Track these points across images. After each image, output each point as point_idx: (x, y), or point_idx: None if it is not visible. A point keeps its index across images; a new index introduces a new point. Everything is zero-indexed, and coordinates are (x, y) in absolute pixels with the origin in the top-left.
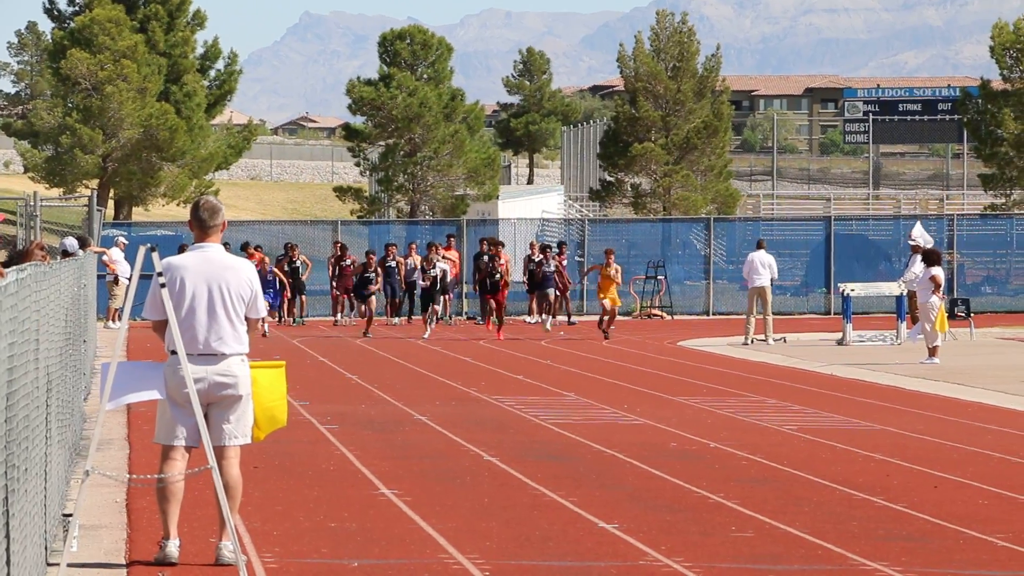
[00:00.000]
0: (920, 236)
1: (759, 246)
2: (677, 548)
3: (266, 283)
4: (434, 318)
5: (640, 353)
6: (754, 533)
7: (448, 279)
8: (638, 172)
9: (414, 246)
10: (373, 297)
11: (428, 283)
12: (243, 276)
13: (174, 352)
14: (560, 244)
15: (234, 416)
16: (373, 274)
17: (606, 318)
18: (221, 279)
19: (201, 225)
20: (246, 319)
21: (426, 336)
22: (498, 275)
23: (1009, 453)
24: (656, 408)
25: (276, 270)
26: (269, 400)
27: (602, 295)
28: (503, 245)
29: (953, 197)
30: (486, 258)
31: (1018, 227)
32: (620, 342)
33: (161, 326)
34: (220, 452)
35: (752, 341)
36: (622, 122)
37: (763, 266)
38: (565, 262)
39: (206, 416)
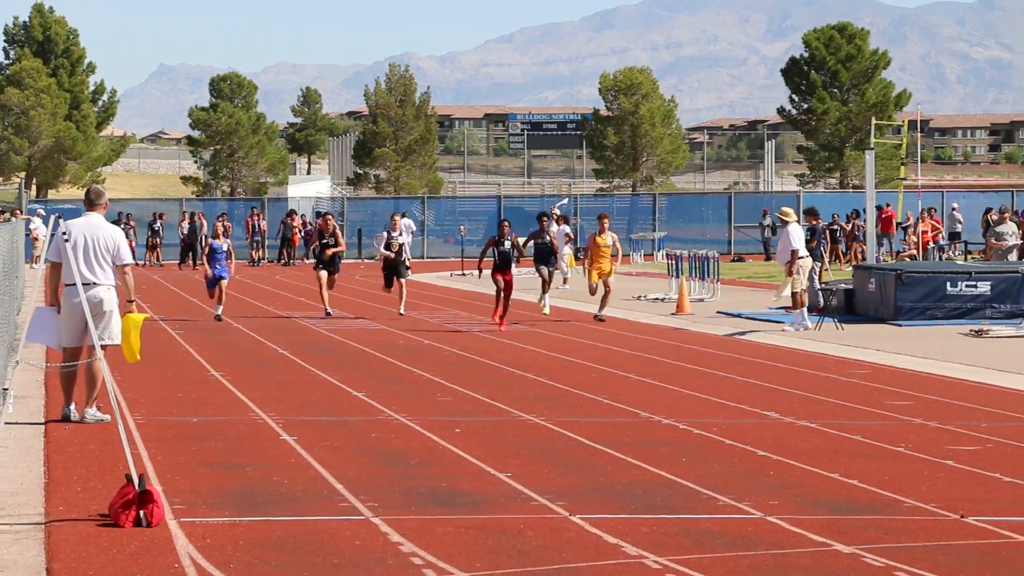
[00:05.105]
0: (558, 208)
1: (403, 216)
2: (403, 408)
3: (216, 257)
4: (396, 292)
5: (381, 283)
6: (452, 398)
7: (408, 252)
8: (378, 167)
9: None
10: (331, 268)
11: (393, 253)
12: (108, 233)
13: (68, 284)
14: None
15: (101, 324)
16: (332, 240)
17: (602, 296)
18: (94, 234)
19: (89, 203)
20: (116, 264)
21: (402, 311)
22: (507, 243)
23: (611, 344)
24: (389, 319)
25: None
26: (125, 328)
27: (592, 270)
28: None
29: (577, 184)
30: (500, 236)
31: (617, 202)
32: (367, 276)
33: (56, 267)
34: (92, 349)
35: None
36: (368, 135)
37: (405, 228)
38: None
39: (86, 325)
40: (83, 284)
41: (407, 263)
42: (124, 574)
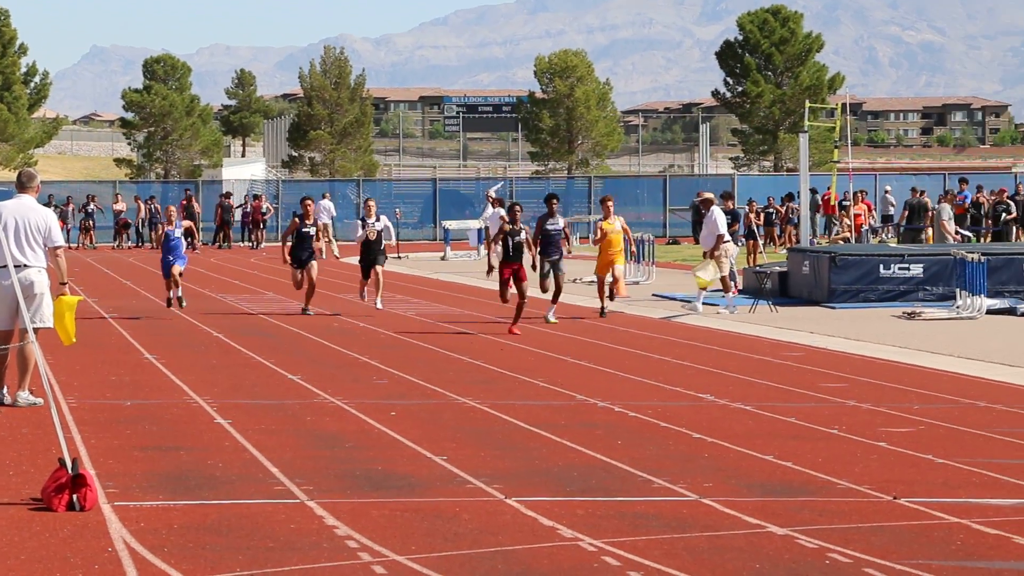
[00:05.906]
0: (494, 191)
1: (324, 196)
2: (338, 391)
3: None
4: (373, 283)
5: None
6: (388, 381)
7: (391, 237)
8: (313, 150)
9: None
10: (314, 263)
11: (373, 236)
12: (40, 215)
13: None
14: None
15: (33, 307)
16: (313, 229)
17: (611, 287)
18: (25, 216)
19: (21, 185)
20: (48, 247)
21: (364, 299)
22: (521, 236)
23: (547, 327)
24: (325, 302)
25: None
26: (60, 311)
27: (601, 260)
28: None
29: (513, 166)
30: (505, 215)
31: (551, 185)
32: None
33: None
34: (24, 332)
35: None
36: (302, 117)
37: (325, 210)
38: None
39: (17, 307)
40: (14, 266)
41: (385, 252)
42: (57, 558)
